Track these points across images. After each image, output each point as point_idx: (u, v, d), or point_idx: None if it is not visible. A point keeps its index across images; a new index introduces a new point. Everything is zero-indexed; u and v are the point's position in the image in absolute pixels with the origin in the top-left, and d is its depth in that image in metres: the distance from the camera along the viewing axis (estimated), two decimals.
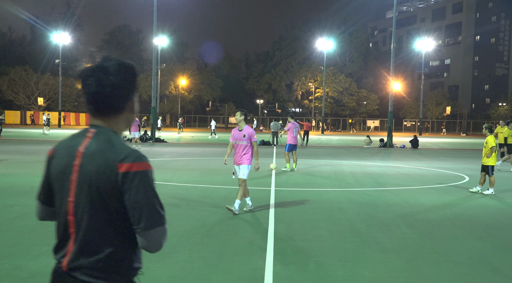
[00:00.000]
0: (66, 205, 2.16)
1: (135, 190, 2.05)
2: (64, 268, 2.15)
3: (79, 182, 2.12)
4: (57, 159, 2.22)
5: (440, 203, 10.87)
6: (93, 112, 2.21)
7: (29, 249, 6.41)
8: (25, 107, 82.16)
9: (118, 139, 2.15)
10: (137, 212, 2.06)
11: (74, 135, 2.25)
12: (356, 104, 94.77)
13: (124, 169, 2.05)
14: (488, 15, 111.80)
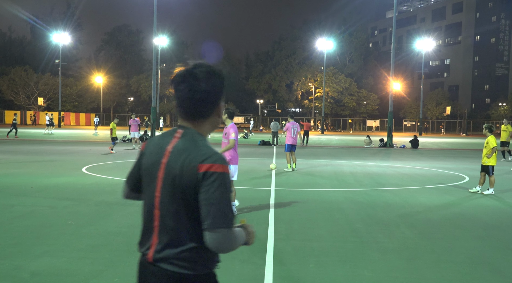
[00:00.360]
0: (153, 199, 2.32)
1: (209, 188, 2.17)
2: (149, 259, 2.33)
3: (165, 179, 2.27)
4: (147, 156, 2.39)
5: (440, 203, 10.87)
6: (183, 115, 2.36)
7: (29, 249, 6.41)
8: (25, 108, 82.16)
9: (202, 141, 2.30)
10: (206, 209, 2.17)
11: (164, 134, 2.42)
12: (356, 104, 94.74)
13: (204, 169, 2.19)
14: (488, 15, 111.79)
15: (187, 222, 2.24)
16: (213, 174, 2.18)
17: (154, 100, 37.89)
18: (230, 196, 2.22)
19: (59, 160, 18.78)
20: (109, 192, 11.26)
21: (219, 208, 2.16)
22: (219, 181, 2.18)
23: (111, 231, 7.51)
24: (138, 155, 2.49)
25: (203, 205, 2.18)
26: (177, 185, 2.23)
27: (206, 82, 2.30)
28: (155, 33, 39.02)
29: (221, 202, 2.17)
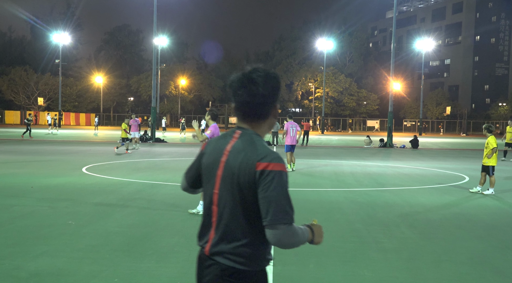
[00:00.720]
0: (211, 196, 2.44)
1: (267, 186, 2.26)
2: (206, 252, 2.44)
3: (223, 177, 2.39)
4: (208, 155, 2.53)
5: (440, 203, 10.87)
6: (241, 117, 2.49)
7: (29, 249, 6.41)
8: (25, 107, 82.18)
9: (260, 141, 2.41)
10: (266, 206, 2.25)
11: (223, 135, 2.55)
12: (356, 104, 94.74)
13: (261, 167, 2.29)
14: (488, 15, 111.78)
15: (243, 219, 2.34)
16: (270, 172, 2.27)
17: (154, 100, 37.88)
18: (288, 193, 2.31)
19: (59, 160, 18.78)
20: (109, 192, 11.26)
21: (279, 205, 2.25)
22: (277, 179, 2.27)
23: (111, 231, 7.51)
24: (198, 154, 2.65)
25: (262, 203, 2.27)
26: (235, 183, 2.33)
27: (263, 86, 2.41)
28: (155, 33, 39.02)
29: (280, 199, 2.25)
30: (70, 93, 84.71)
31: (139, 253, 6.36)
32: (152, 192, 11.38)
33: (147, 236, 7.34)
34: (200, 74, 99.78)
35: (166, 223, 8.23)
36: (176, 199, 10.51)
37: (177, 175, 14.62)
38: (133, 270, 5.70)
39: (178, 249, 6.63)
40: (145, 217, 8.65)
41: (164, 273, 5.60)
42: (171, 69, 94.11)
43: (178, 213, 9.01)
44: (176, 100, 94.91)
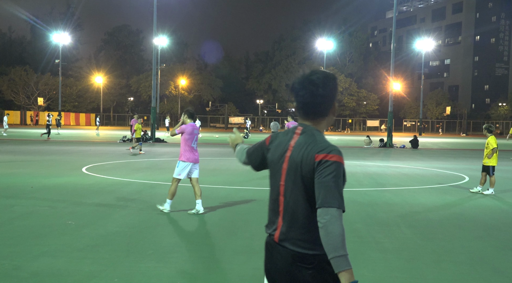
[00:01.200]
0: (278, 188, 2.65)
1: (323, 172, 2.45)
2: (275, 239, 2.62)
3: (288, 170, 2.60)
4: (273, 151, 2.75)
5: (440, 203, 10.87)
6: (303, 116, 2.68)
7: (29, 249, 6.41)
8: (25, 108, 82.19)
9: (320, 136, 2.60)
10: (318, 190, 2.43)
11: (286, 132, 2.76)
12: (356, 104, 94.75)
13: (319, 158, 2.48)
14: (488, 15, 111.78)
15: (307, 207, 2.53)
16: (327, 161, 2.46)
17: (154, 100, 37.88)
18: (341, 183, 2.46)
19: (59, 160, 18.78)
20: (109, 192, 11.26)
21: (330, 189, 2.41)
22: (332, 167, 2.45)
23: (111, 231, 7.51)
24: (261, 144, 2.90)
25: (316, 188, 2.45)
26: (298, 174, 2.54)
27: (323, 87, 2.60)
28: (155, 33, 39.01)
29: (331, 184, 2.41)
30: (70, 93, 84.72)
31: (139, 253, 6.36)
32: (152, 192, 11.38)
33: (147, 236, 7.34)
34: (200, 74, 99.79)
35: (166, 223, 8.23)
36: (176, 199, 10.50)
37: None
38: (133, 270, 5.70)
39: (178, 249, 6.63)
40: (145, 217, 8.65)
41: (164, 273, 5.60)
42: (171, 69, 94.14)
43: (178, 213, 9.01)
44: (176, 100, 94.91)
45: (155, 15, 37.25)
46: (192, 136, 9.05)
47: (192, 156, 9.02)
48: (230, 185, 12.80)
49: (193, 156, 9.04)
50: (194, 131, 9.09)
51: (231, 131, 51.50)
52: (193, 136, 9.07)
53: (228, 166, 18.23)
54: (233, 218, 8.73)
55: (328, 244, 2.36)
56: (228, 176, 14.96)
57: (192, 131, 9.05)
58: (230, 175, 15.25)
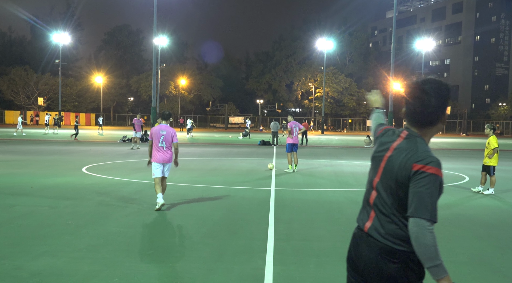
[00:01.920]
0: (372, 182, 2.78)
1: (417, 183, 2.49)
2: (365, 230, 2.77)
3: (385, 169, 2.69)
4: (378, 145, 2.86)
5: (440, 203, 10.80)
6: (411, 123, 2.74)
7: (29, 249, 6.41)
8: (25, 107, 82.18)
9: (422, 145, 2.62)
10: (411, 200, 2.49)
11: (392, 132, 2.86)
12: (356, 104, 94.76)
13: (417, 168, 2.52)
14: (488, 15, 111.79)
15: (398, 207, 2.60)
16: (423, 173, 2.50)
17: (154, 100, 37.90)
18: (436, 194, 2.49)
19: (59, 160, 18.79)
20: (109, 192, 11.26)
21: (422, 200, 2.45)
22: (428, 179, 2.48)
23: (111, 231, 7.51)
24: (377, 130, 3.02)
25: (410, 196, 2.51)
26: (393, 177, 2.61)
27: (435, 97, 2.61)
28: (155, 33, 39.03)
29: (425, 196, 2.45)
30: (70, 93, 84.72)
31: (139, 253, 6.36)
32: (152, 192, 11.37)
33: (147, 236, 7.34)
34: (200, 74, 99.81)
35: (166, 223, 8.23)
36: (176, 199, 10.51)
37: (177, 175, 14.63)
38: (133, 270, 5.70)
39: (178, 249, 6.63)
40: (145, 217, 8.65)
41: (164, 273, 5.60)
42: (171, 69, 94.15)
43: (178, 213, 9.01)
44: (176, 100, 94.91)
45: (155, 15, 37.27)
46: (157, 137, 9.44)
47: (160, 155, 9.43)
48: (230, 185, 12.80)
49: (161, 155, 9.43)
50: (160, 131, 9.47)
51: (230, 131, 50.88)
52: (159, 136, 9.43)
53: (228, 165, 18.23)
54: (234, 218, 8.73)
55: (422, 255, 2.44)
56: (228, 175, 14.96)
57: (157, 131, 9.47)
58: (230, 174, 15.25)
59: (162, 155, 9.44)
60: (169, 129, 9.57)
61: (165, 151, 9.47)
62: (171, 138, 9.52)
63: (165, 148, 9.47)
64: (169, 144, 9.51)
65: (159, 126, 9.60)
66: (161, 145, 9.44)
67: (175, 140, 9.54)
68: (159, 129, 9.52)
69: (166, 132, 9.49)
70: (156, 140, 9.45)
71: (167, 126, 9.62)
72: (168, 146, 9.50)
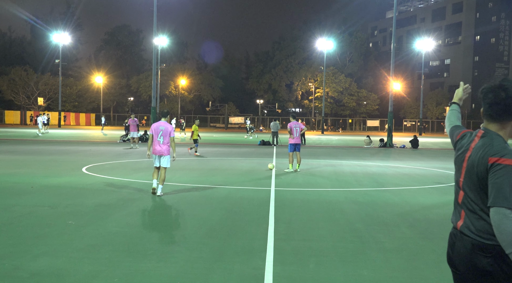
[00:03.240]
0: (459, 183, 2.97)
1: (495, 174, 2.66)
2: (458, 228, 2.98)
3: (467, 169, 2.88)
4: (458, 148, 3.09)
5: (440, 203, 10.87)
6: (488, 119, 2.92)
7: (29, 249, 6.41)
8: (25, 107, 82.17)
9: (498, 140, 2.79)
10: (490, 191, 2.66)
11: (471, 133, 3.12)
12: (356, 104, 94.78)
13: (492, 161, 2.70)
14: (488, 15, 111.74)
15: (482, 203, 2.77)
16: (499, 165, 2.66)
17: (154, 100, 37.89)
18: None
19: (59, 160, 18.79)
20: (109, 192, 11.26)
21: (500, 190, 2.60)
22: (504, 170, 2.63)
23: (111, 231, 7.51)
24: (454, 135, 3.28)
25: (489, 188, 2.67)
26: (474, 174, 2.79)
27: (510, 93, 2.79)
28: (155, 33, 39.02)
29: (503, 186, 2.61)
30: (70, 93, 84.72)
31: (139, 253, 6.36)
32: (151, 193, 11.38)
33: (147, 236, 7.34)
34: (200, 74, 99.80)
35: (166, 223, 8.23)
36: (176, 199, 10.51)
37: (177, 175, 14.63)
38: (133, 270, 5.70)
39: (178, 249, 6.63)
40: (145, 217, 8.65)
41: (164, 273, 5.60)
42: (171, 69, 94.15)
43: (178, 213, 9.01)
44: (176, 100, 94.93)
45: (155, 15, 37.26)
46: (156, 132, 10.72)
47: (157, 148, 10.70)
48: (230, 185, 12.80)
49: (158, 148, 10.69)
50: (159, 127, 10.76)
51: (230, 131, 50.78)
52: (158, 132, 10.70)
53: (227, 165, 18.23)
54: (233, 218, 8.73)
55: (502, 241, 2.56)
56: (227, 175, 14.96)
57: (157, 127, 10.76)
58: (230, 174, 15.25)
59: (159, 148, 10.65)
60: (167, 125, 10.75)
61: (162, 145, 10.66)
62: (169, 134, 10.70)
63: (162, 142, 10.66)
64: (166, 138, 10.68)
65: (158, 123, 10.79)
66: (159, 139, 10.66)
67: (172, 135, 10.78)
68: (158, 125, 10.73)
69: (165, 128, 10.70)
70: (156, 135, 10.68)
71: (165, 123, 10.81)
72: (165, 140, 10.68)
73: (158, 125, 10.77)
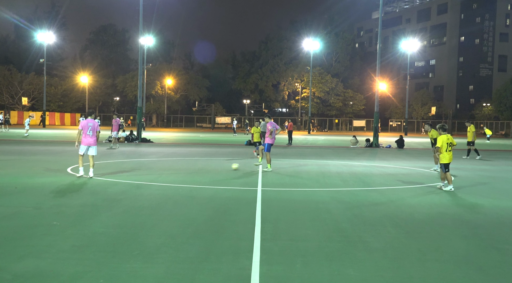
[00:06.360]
0: None
1: None
2: None
3: None
4: None
5: (425, 202, 10.94)
6: None
7: (13, 250, 6.33)
8: (9, 107, 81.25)
9: None
10: None
11: None
12: (342, 104, 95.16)
13: None
14: (473, 16, 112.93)
15: None
16: None
17: (140, 100, 37.70)
18: None
19: (43, 160, 18.61)
20: (94, 192, 11.18)
21: None
22: None
23: (96, 232, 7.45)
24: None
25: None
26: None
27: None
28: (141, 33, 38.83)
29: None
30: (55, 93, 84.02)
31: (125, 254, 6.32)
32: (137, 193, 11.33)
33: (133, 236, 7.29)
34: (186, 74, 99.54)
35: (152, 224, 8.19)
36: (162, 199, 10.46)
37: (163, 175, 14.57)
38: (119, 270, 5.66)
39: (165, 249, 6.60)
40: (131, 217, 8.60)
41: (151, 274, 5.57)
42: (157, 69, 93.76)
43: (164, 213, 8.97)
44: (163, 100, 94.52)
45: (141, 15, 37.08)
46: (86, 128, 13.50)
47: (87, 140, 13.54)
48: (216, 185, 12.77)
49: (88, 140, 13.55)
50: (88, 124, 13.56)
51: (217, 131, 50.72)
52: (87, 127, 13.50)
53: (214, 165, 18.20)
54: (220, 218, 8.71)
55: None
56: (214, 175, 14.93)
57: (86, 124, 13.57)
58: (216, 174, 15.23)
59: (88, 140, 13.51)
60: (94, 122, 13.60)
61: (91, 137, 13.55)
62: (95, 128, 13.62)
63: (91, 135, 13.56)
64: (94, 132, 13.57)
65: (87, 120, 13.62)
66: (88, 133, 13.51)
67: (98, 129, 13.83)
68: (87, 122, 13.60)
69: (93, 124, 13.60)
70: (85, 130, 13.49)
71: (92, 120, 13.64)
72: (93, 134, 13.57)
73: (87, 122, 13.53)
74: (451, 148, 12.76)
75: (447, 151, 12.64)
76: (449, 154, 12.69)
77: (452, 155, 12.82)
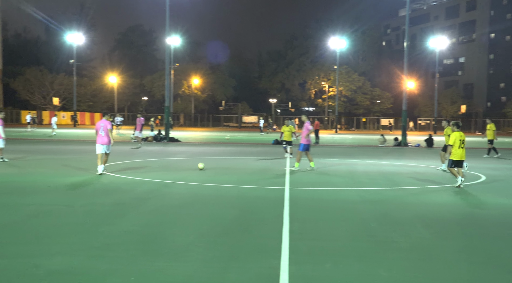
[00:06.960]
0: None
1: None
2: None
3: None
4: None
5: (456, 202, 10.77)
6: None
7: (46, 248, 6.47)
8: (41, 107, 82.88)
9: None
10: None
11: None
12: (370, 103, 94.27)
13: None
14: (503, 12, 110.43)
15: None
16: None
17: (168, 100, 38.04)
18: None
19: (75, 159, 18.94)
20: (124, 191, 11.33)
21: None
22: None
23: (126, 230, 7.56)
24: None
25: None
26: None
27: None
28: (168, 33, 39.16)
29: None
30: (84, 93, 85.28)
31: (154, 252, 6.39)
32: (166, 191, 11.44)
33: (162, 235, 7.37)
34: (213, 74, 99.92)
35: (181, 222, 8.26)
36: (190, 198, 10.54)
37: (191, 174, 14.68)
38: (149, 268, 5.73)
39: (193, 247, 6.65)
40: (159, 216, 8.69)
41: (179, 272, 5.63)
42: (184, 68, 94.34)
43: (193, 212, 9.04)
44: (190, 100, 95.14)
45: (168, 15, 37.39)
46: (99, 128, 14.36)
47: (100, 140, 14.25)
48: (243, 184, 12.81)
49: (101, 140, 14.24)
50: (100, 124, 14.43)
51: (246, 130, 51.26)
52: (99, 128, 14.33)
53: (240, 165, 18.24)
54: (248, 217, 8.74)
55: None
56: (241, 175, 14.97)
57: (98, 124, 14.49)
58: (243, 174, 15.26)
59: (103, 139, 14.20)
60: (106, 122, 14.39)
61: (103, 137, 14.22)
62: (106, 128, 14.26)
63: (104, 134, 14.21)
64: (106, 132, 14.24)
65: (100, 121, 14.50)
66: (101, 132, 14.25)
67: (109, 127, 14.34)
68: (99, 122, 14.49)
69: (104, 125, 14.33)
70: (98, 130, 14.29)
71: (104, 120, 14.44)
72: (105, 133, 14.23)
73: (99, 122, 14.46)
74: (464, 145, 13.01)
75: (460, 147, 12.86)
76: (461, 151, 12.89)
77: (464, 152, 12.97)
